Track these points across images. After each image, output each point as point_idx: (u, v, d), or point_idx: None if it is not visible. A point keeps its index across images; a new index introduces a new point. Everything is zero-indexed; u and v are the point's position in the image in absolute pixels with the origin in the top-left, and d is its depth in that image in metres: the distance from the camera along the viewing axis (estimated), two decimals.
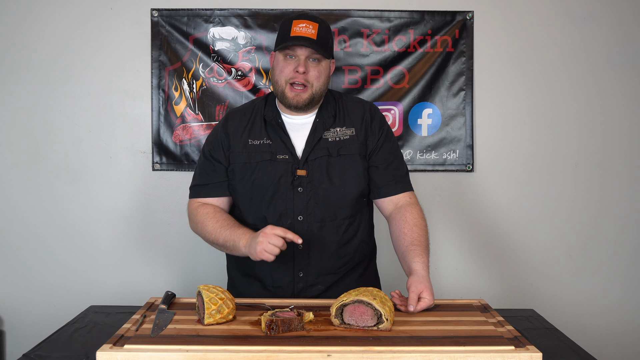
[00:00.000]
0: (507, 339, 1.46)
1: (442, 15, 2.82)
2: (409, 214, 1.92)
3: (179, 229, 2.85)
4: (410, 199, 1.99)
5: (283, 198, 1.90)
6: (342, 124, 1.97)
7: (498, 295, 2.83)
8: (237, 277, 2.06)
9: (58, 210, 2.83)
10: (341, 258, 1.96)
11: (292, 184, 1.90)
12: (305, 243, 1.91)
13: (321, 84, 1.90)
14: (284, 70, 1.88)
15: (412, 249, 1.86)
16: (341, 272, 1.97)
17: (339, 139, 1.94)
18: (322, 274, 1.94)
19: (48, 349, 1.55)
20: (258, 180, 1.91)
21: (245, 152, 1.94)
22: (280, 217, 1.91)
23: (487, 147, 2.86)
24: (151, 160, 2.84)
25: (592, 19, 2.84)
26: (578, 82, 2.86)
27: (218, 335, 1.48)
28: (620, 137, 2.88)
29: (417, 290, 1.72)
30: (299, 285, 1.93)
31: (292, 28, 1.86)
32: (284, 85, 1.89)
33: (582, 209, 2.89)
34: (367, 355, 1.35)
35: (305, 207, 1.91)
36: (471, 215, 2.88)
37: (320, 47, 1.85)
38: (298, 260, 1.92)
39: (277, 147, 1.93)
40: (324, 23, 1.92)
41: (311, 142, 1.93)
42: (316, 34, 1.85)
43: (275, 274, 1.94)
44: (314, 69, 1.88)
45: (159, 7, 2.79)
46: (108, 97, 2.83)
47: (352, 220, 1.97)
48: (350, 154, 1.94)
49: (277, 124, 1.94)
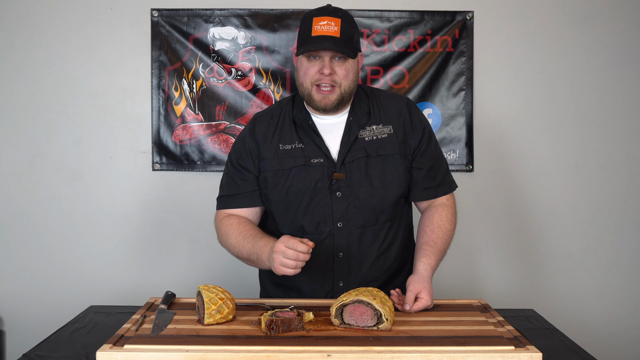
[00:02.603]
0: (507, 339, 1.45)
1: (442, 15, 2.81)
2: (437, 215, 1.86)
3: (179, 229, 2.85)
4: (447, 200, 1.91)
5: (321, 205, 1.79)
6: (378, 121, 1.84)
7: (498, 295, 2.83)
8: (270, 286, 1.96)
9: (58, 211, 2.83)
10: (383, 265, 1.86)
11: (330, 188, 1.78)
12: (346, 251, 1.82)
13: (350, 82, 1.76)
14: (308, 72, 1.75)
15: (424, 248, 1.81)
16: (382, 278, 1.87)
17: (376, 138, 1.82)
18: (363, 283, 1.81)
19: (48, 349, 1.55)
20: (293, 188, 1.79)
21: (277, 158, 1.81)
22: (319, 225, 1.80)
23: (487, 147, 2.86)
24: (151, 160, 2.84)
25: (592, 19, 2.84)
26: (578, 82, 2.86)
27: (218, 335, 1.48)
28: (620, 137, 2.88)
29: (415, 289, 1.71)
30: (338, 296, 1.84)
31: (312, 27, 1.71)
32: (310, 87, 1.76)
33: (582, 209, 2.89)
34: (367, 355, 1.35)
35: (344, 213, 1.79)
36: (471, 215, 2.87)
37: (345, 46, 1.71)
38: (338, 270, 1.82)
39: (311, 150, 1.80)
40: (346, 16, 1.76)
41: (346, 142, 1.80)
42: (339, 30, 1.71)
43: (314, 285, 1.84)
44: (341, 68, 1.74)
45: (159, 7, 2.79)
46: (108, 97, 2.83)
47: (392, 224, 1.86)
48: (390, 153, 1.81)
49: (308, 125, 1.82)
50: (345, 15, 1.77)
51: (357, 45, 1.79)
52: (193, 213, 2.85)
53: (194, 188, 2.85)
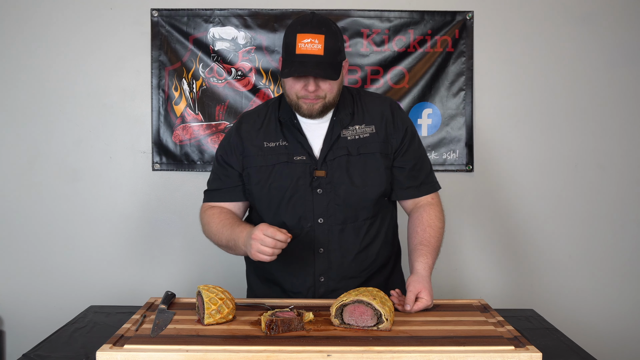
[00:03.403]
0: (507, 339, 1.45)
1: (442, 15, 2.82)
2: (426, 214, 1.88)
3: (179, 229, 2.85)
4: (432, 199, 1.93)
5: (302, 201, 1.83)
6: (361, 122, 1.88)
7: (498, 295, 2.83)
8: (256, 282, 2.00)
9: (58, 211, 2.83)
10: (363, 261, 1.89)
11: (311, 185, 1.83)
12: (326, 247, 1.85)
13: (335, 94, 1.81)
14: (294, 87, 1.78)
15: (419, 248, 1.83)
16: (364, 275, 1.90)
17: (358, 137, 1.86)
18: (344, 279, 1.87)
19: (48, 349, 1.55)
20: (275, 184, 1.84)
21: (261, 155, 1.87)
22: (300, 221, 1.84)
23: (487, 147, 2.86)
24: (151, 160, 2.84)
25: (592, 19, 2.84)
26: (578, 82, 2.86)
27: (218, 335, 1.48)
28: (620, 137, 2.88)
29: (415, 290, 1.71)
30: (320, 291, 1.86)
31: (296, 44, 1.72)
32: (295, 99, 1.80)
33: (582, 209, 2.89)
34: (367, 355, 1.35)
35: (325, 209, 1.84)
36: (471, 215, 2.88)
37: (329, 67, 1.72)
38: (319, 265, 1.86)
39: (294, 148, 1.85)
40: (330, 29, 1.75)
41: (329, 141, 1.85)
42: (323, 48, 1.71)
43: (296, 280, 1.88)
44: (325, 83, 1.77)
45: (159, 7, 2.79)
46: (108, 97, 2.83)
47: (374, 221, 1.90)
48: (371, 152, 1.86)
49: (292, 124, 1.87)
50: (329, 28, 1.75)
51: (342, 56, 1.80)
52: (193, 213, 2.84)
53: (194, 188, 2.85)
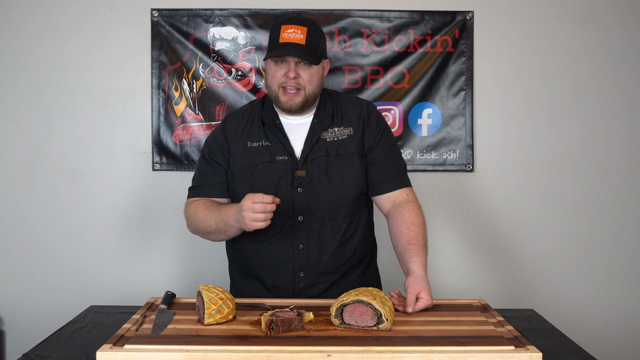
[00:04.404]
0: (507, 339, 1.46)
1: (442, 15, 2.81)
2: (407, 212, 1.92)
3: (179, 229, 2.85)
4: (407, 195, 1.98)
5: (283, 199, 1.88)
6: (340, 124, 1.98)
7: (498, 295, 2.83)
8: (238, 278, 2.07)
9: (58, 210, 2.83)
10: (341, 257, 1.96)
11: (292, 184, 1.91)
12: (305, 243, 1.93)
13: (314, 86, 1.90)
14: (275, 75, 1.89)
15: (409, 248, 1.86)
16: (341, 271, 1.97)
17: (337, 139, 1.95)
18: (322, 274, 1.94)
19: (48, 349, 1.55)
20: (258, 182, 1.92)
21: (245, 154, 1.95)
22: (281, 218, 1.89)
23: (487, 147, 2.86)
24: (151, 160, 2.84)
25: (592, 19, 2.84)
26: (578, 82, 2.86)
27: (218, 335, 1.48)
28: (620, 137, 2.88)
29: (415, 290, 1.73)
30: (299, 285, 1.93)
31: (280, 34, 1.86)
32: (277, 89, 1.89)
33: (582, 209, 2.89)
34: (367, 355, 1.35)
35: (305, 208, 1.92)
36: (471, 215, 2.88)
37: (309, 53, 1.84)
38: (298, 261, 1.93)
39: (276, 148, 1.94)
40: (313, 25, 1.90)
41: (310, 142, 1.94)
42: (305, 38, 1.84)
43: (276, 275, 1.95)
44: (305, 72, 1.87)
45: (159, 7, 2.79)
46: (108, 97, 2.83)
47: (352, 219, 1.97)
48: (348, 153, 1.95)
49: (275, 125, 1.95)
50: (312, 24, 1.90)
51: (323, 53, 1.93)
52: None
53: None
